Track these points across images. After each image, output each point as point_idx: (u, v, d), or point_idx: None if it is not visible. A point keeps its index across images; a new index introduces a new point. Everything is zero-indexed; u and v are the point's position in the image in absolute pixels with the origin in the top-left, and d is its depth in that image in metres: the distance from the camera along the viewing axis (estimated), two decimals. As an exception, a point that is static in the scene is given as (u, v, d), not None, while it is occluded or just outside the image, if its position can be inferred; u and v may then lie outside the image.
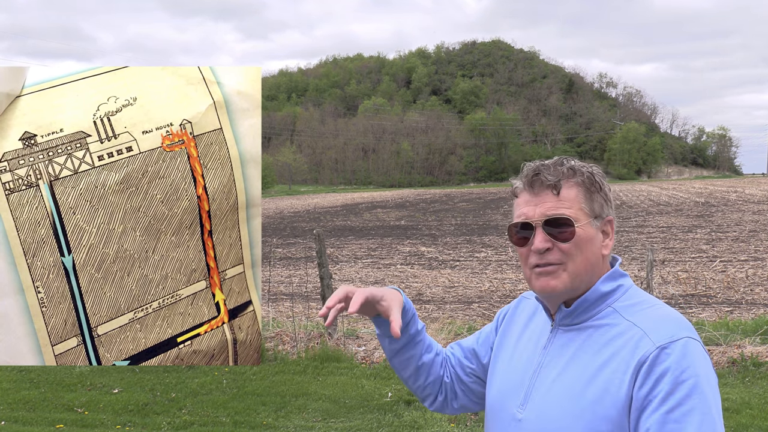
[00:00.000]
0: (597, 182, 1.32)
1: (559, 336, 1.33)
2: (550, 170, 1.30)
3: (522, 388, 1.34)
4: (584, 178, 1.31)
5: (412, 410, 5.37)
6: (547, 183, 1.29)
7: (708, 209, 28.27)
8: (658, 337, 1.19)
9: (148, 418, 5.38)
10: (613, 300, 1.30)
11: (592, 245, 1.30)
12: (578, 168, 1.32)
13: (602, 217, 1.32)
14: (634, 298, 1.31)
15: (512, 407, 1.35)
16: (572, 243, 1.28)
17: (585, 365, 1.25)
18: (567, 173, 1.30)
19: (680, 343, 1.18)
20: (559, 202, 1.28)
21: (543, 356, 1.34)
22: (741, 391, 5.51)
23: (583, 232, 1.28)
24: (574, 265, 1.28)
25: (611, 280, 1.32)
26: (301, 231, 24.82)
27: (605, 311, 1.29)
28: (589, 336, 1.28)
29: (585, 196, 1.30)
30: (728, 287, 10.59)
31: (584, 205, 1.30)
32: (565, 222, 1.27)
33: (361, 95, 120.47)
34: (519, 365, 1.39)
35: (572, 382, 1.25)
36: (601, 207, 1.32)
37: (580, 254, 1.28)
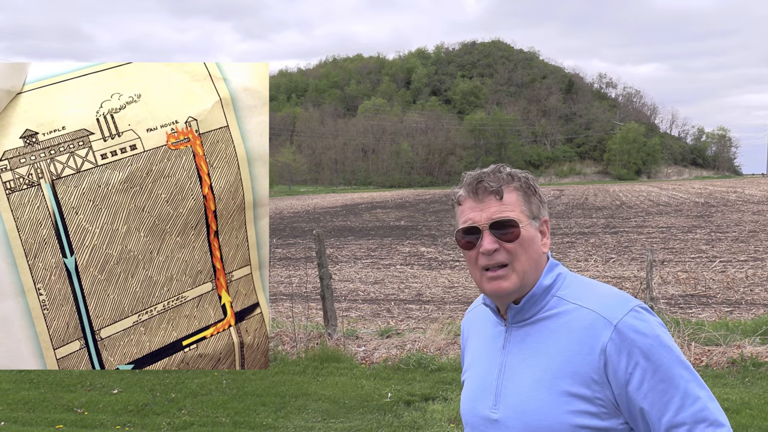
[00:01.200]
0: (532, 186, 1.42)
1: (514, 334, 1.40)
2: (491, 177, 1.39)
3: (490, 390, 1.39)
4: (521, 183, 1.40)
5: (412, 410, 5.34)
6: (490, 189, 1.37)
7: (708, 209, 28.26)
8: (610, 315, 1.29)
9: (148, 419, 5.35)
10: (556, 289, 1.39)
11: (534, 244, 1.38)
12: (515, 174, 1.41)
13: (539, 218, 1.41)
14: (573, 283, 1.40)
15: (484, 410, 1.39)
16: (517, 243, 1.36)
17: (548, 354, 1.32)
18: (506, 179, 1.39)
19: (632, 314, 1.29)
20: (503, 206, 1.37)
21: (504, 356, 1.40)
22: (741, 391, 5.48)
23: (525, 232, 1.37)
24: (520, 263, 1.36)
25: (550, 272, 1.40)
26: (301, 231, 24.78)
27: (551, 302, 1.38)
28: (545, 327, 1.36)
29: (524, 199, 1.39)
30: (728, 287, 10.56)
31: (524, 208, 1.38)
32: (510, 224, 1.36)
33: (361, 95, 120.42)
34: (481, 369, 1.44)
35: (541, 373, 1.32)
36: (538, 208, 1.41)
37: (524, 253, 1.37)
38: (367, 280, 12.99)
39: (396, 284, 12.29)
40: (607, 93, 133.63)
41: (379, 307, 10.14)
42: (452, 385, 5.84)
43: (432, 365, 6.31)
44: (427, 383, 5.94)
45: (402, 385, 5.92)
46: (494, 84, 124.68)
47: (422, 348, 6.81)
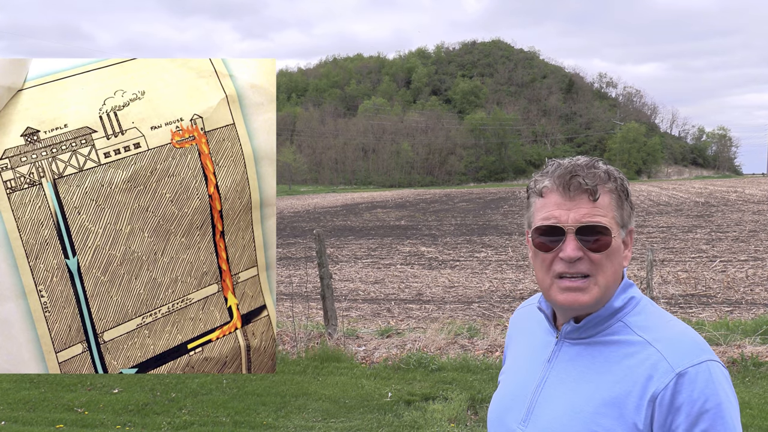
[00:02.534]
0: (626, 190, 1.24)
1: (565, 350, 1.25)
2: (587, 172, 1.20)
3: (524, 403, 1.26)
4: (617, 184, 1.22)
5: (412, 410, 5.35)
6: (584, 186, 1.18)
7: (708, 209, 28.24)
8: (676, 362, 1.13)
9: (148, 418, 5.35)
10: (624, 314, 1.22)
11: (619, 257, 1.22)
12: (612, 173, 1.23)
13: (627, 227, 1.24)
14: (645, 311, 1.23)
15: (512, 423, 1.27)
16: (605, 254, 1.18)
17: (596, 385, 1.17)
18: (603, 177, 1.20)
19: (701, 368, 1.12)
20: (595, 208, 1.18)
21: (547, 370, 1.25)
22: (741, 391, 5.49)
23: (615, 243, 1.20)
24: (605, 277, 1.19)
25: (623, 293, 1.24)
26: (301, 231, 24.76)
27: (616, 326, 1.21)
28: (600, 352, 1.20)
29: (617, 204, 1.21)
30: (728, 287, 10.55)
31: (616, 214, 1.21)
32: (602, 231, 1.18)
33: (361, 95, 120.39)
34: (519, 378, 1.31)
35: (581, 402, 1.17)
36: (629, 216, 1.24)
37: (610, 266, 1.20)
38: (368, 279, 12.98)
39: (396, 284, 12.29)
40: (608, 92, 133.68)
41: (380, 307, 10.12)
42: (452, 385, 5.85)
43: (432, 365, 6.32)
44: (428, 383, 5.94)
45: (402, 384, 5.93)
46: (494, 84, 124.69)
47: (422, 348, 6.82)
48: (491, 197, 48.17)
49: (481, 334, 7.34)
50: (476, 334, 7.36)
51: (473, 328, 7.57)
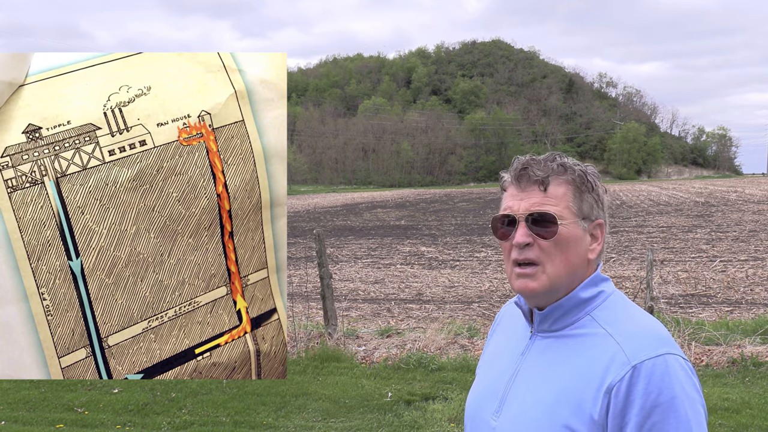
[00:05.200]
0: (589, 182, 1.27)
1: (537, 343, 1.29)
2: (540, 165, 1.26)
3: (497, 395, 1.30)
4: (575, 176, 1.26)
5: (412, 410, 5.35)
6: (534, 178, 1.24)
7: (708, 209, 28.23)
8: (633, 354, 1.14)
9: (148, 418, 5.34)
10: (592, 307, 1.25)
11: (577, 247, 1.25)
12: (570, 165, 1.27)
13: (591, 219, 1.27)
14: (613, 305, 1.26)
15: (486, 414, 1.31)
16: (553, 241, 1.23)
17: (559, 377, 1.21)
18: (557, 169, 1.26)
19: (657, 361, 1.13)
20: (545, 198, 1.24)
21: (520, 362, 1.29)
22: (741, 391, 5.49)
23: (566, 231, 1.24)
24: (553, 266, 1.24)
25: (592, 286, 1.27)
26: (301, 231, 24.72)
27: (584, 319, 1.24)
28: (566, 345, 1.24)
29: (574, 194, 1.26)
30: (728, 287, 10.54)
31: (572, 204, 1.25)
32: (549, 219, 1.23)
33: (361, 95, 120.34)
34: (496, 370, 1.35)
35: (546, 393, 1.21)
36: (591, 208, 1.27)
37: (560, 254, 1.24)
38: (368, 279, 12.97)
39: (396, 284, 12.27)
40: (608, 92, 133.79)
41: (380, 307, 10.11)
42: (452, 385, 5.84)
43: (432, 365, 6.32)
44: (428, 383, 5.94)
45: (402, 384, 5.93)
46: (494, 83, 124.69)
47: (422, 347, 6.82)
48: (491, 197, 48.19)
49: (481, 334, 7.33)
50: (476, 334, 7.35)
51: (473, 328, 7.58)
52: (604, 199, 1.29)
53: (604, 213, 1.30)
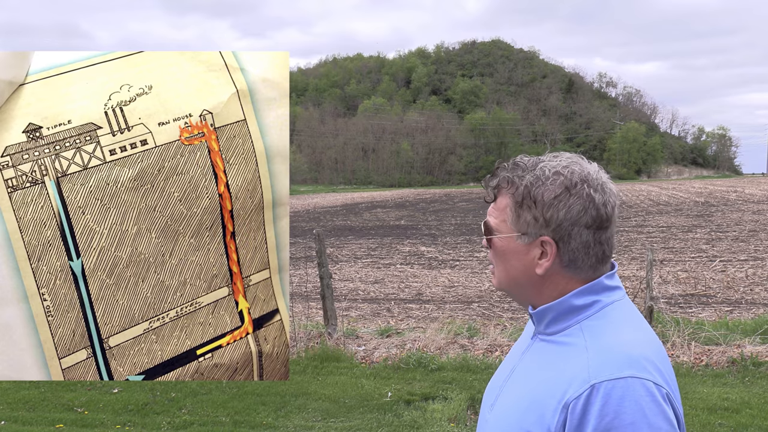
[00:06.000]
0: (531, 197, 1.20)
1: (536, 345, 1.28)
2: (495, 174, 1.27)
3: (496, 390, 1.32)
4: (516, 191, 1.22)
5: (412, 410, 5.35)
6: (487, 187, 1.27)
7: (708, 209, 28.21)
8: (595, 372, 1.09)
9: (148, 418, 5.34)
10: (584, 316, 1.20)
11: (514, 260, 1.24)
12: (516, 179, 1.22)
13: (531, 236, 1.21)
14: (607, 317, 1.20)
15: (486, 405, 1.33)
16: (492, 251, 1.27)
17: (536, 383, 1.19)
18: (503, 181, 1.24)
19: (618, 384, 1.07)
20: (492, 208, 1.27)
21: (519, 361, 1.30)
22: (741, 391, 5.50)
23: (501, 244, 1.24)
24: (498, 271, 1.28)
25: (588, 294, 1.21)
26: (301, 231, 24.71)
27: (573, 328, 1.21)
28: (551, 351, 1.22)
29: (513, 209, 1.23)
30: (728, 287, 10.54)
31: (509, 218, 1.23)
32: (487, 230, 1.26)
33: (361, 95, 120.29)
34: (505, 364, 1.37)
35: (522, 395, 1.21)
36: (530, 226, 1.21)
37: (500, 263, 1.27)
38: (367, 279, 12.96)
39: (396, 284, 12.27)
40: (608, 92, 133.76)
41: (379, 307, 10.10)
42: (452, 385, 5.84)
43: (432, 365, 6.32)
44: (427, 383, 5.94)
45: (402, 384, 5.93)
46: (494, 83, 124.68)
47: (422, 347, 6.82)
48: (491, 197, 48.10)
49: (480, 333, 7.33)
50: (476, 333, 7.35)
51: (473, 327, 7.58)
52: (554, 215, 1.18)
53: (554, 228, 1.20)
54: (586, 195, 1.19)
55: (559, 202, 1.19)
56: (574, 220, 1.19)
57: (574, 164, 1.23)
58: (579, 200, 1.19)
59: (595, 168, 1.24)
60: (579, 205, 1.19)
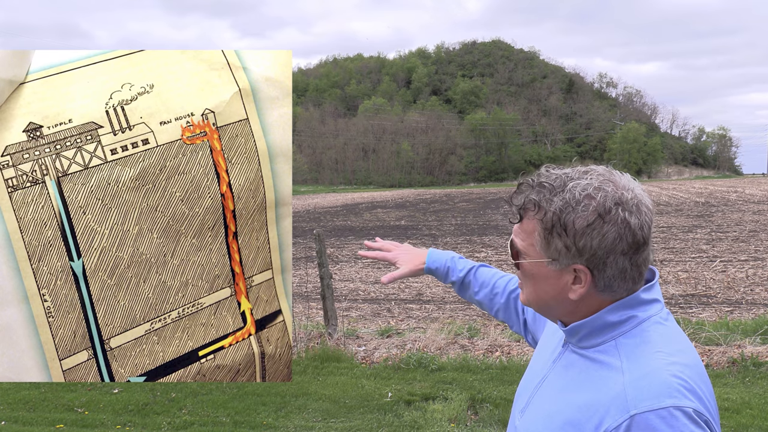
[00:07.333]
0: (562, 224, 1.11)
1: (566, 355, 1.23)
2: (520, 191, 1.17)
3: (527, 395, 1.29)
4: (545, 217, 1.13)
5: (412, 410, 5.35)
6: (512, 206, 1.18)
7: (708, 209, 28.20)
8: (634, 401, 1.04)
9: (148, 418, 5.34)
10: (619, 332, 1.15)
11: (545, 284, 1.18)
12: (545, 203, 1.13)
13: (562, 263, 1.14)
14: (643, 334, 1.13)
15: (517, 410, 1.31)
16: (521, 272, 1.21)
17: (570, 400, 1.14)
18: (528, 204, 1.15)
19: (660, 413, 1.02)
20: (519, 228, 1.19)
21: (549, 370, 1.26)
22: (741, 391, 5.49)
23: (530, 267, 1.18)
24: (528, 292, 1.22)
25: (622, 309, 1.15)
26: (301, 231, 24.69)
27: (608, 344, 1.15)
28: (586, 368, 1.16)
29: (541, 235, 1.14)
30: (728, 287, 10.52)
31: (537, 243, 1.15)
32: (515, 252, 1.20)
33: (361, 95, 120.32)
34: (533, 369, 1.34)
35: (555, 410, 1.17)
36: (559, 253, 1.13)
37: (529, 285, 1.21)
38: (368, 279, 12.95)
39: (396, 284, 12.25)
40: (608, 92, 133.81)
41: (380, 307, 10.09)
42: (452, 385, 5.84)
43: (432, 365, 6.32)
44: (428, 383, 5.94)
45: (402, 384, 5.93)
46: (494, 84, 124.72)
47: (422, 348, 6.82)
48: (491, 197, 48.16)
49: (481, 334, 7.33)
50: (476, 334, 7.34)
51: (473, 328, 7.58)
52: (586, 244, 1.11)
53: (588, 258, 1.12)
54: (621, 221, 1.10)
55: (593, 230, 1.10)
56: (609, 249, 1.11)
57: (606, 184, 1.13)
58: (614, 227, 1.10)
59: (628, 183, 1.16)
60: (614, 232, 1.10)
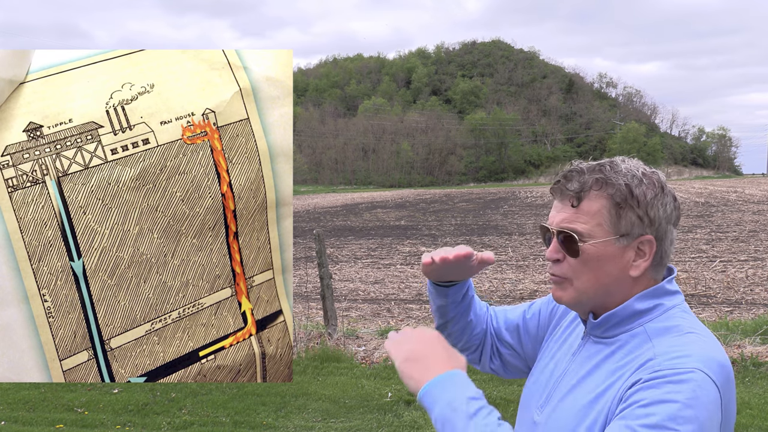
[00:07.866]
0: (634, 197, 1.18)
1: (588, 346, 1.26)
2: (576, 177, 1.21)
3: (545, 391, 1.30)
4: (615, 191, 1.18)
5: (412, 410, 5.37)
6: (566, 192, 1.20)
7: (708, 209, 28.21)
8: (662, 362, 1.08)
9: (148, 418, 5.35)
10: (647, 319, 1.20)
11: (609, 265, 1.20)
12: (612, 180, 1.19)
13: (632, 236, 1.20)
14: (672, 320, 1.19)
15: (533, 408, 1.31)
16: (579, 260, 1.20)
17: (597, 383, 1.18)
18: (595, 183, 1.19)
19: (683, 372, 1.05)
20: (576, 214, 1.20)
21: (569, 363, 1.28)
22: (741, 391, 5.49)
23: (594, 250, 1.19)
24: (581, 282, 1.21)
25: (650, 298, 1.21)
26: (301, 231, 24.69)
27: (636, 330, 1.19)
28: (612, 353, 1.20)
29: (612, 211, 1.18)
30: (728, 287, 10.53)
31: (606, 222, 1.19)
32: (571, 238, 1.20)
33: (361, 95, 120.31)
34: (550, 366, 1.35)
35: (581, 397, 1.19)
36: (632, 226, 1.19)
37: (588, 272, 1.20)
38: (368, 279, 12.96)
39: (396, 284, 12.26)
40: (608, 93, 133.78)
41: (380, 307, 10.10)
42: (452, 385, 5.83)
43: (432, 365, 6.32)
44: (427, 383, 5.94)
45: (402, 384, 5.93)
46: (494, 84, 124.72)
47: (422, 347, 6.81)
48: (491, 197, 48.17)
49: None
50: (476, 334, 7.35)
51: (473, 328, 7.59)
52: (656, 214, 1.20)
53: (657, 227, 1.22)
54: (672, 194, 1.24)
55: (658, 201, 1.21)
56: (668, 218, 1.23)
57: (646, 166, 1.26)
58: (670, 198, 1.23)
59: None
60: (671, 203, 1.23)
